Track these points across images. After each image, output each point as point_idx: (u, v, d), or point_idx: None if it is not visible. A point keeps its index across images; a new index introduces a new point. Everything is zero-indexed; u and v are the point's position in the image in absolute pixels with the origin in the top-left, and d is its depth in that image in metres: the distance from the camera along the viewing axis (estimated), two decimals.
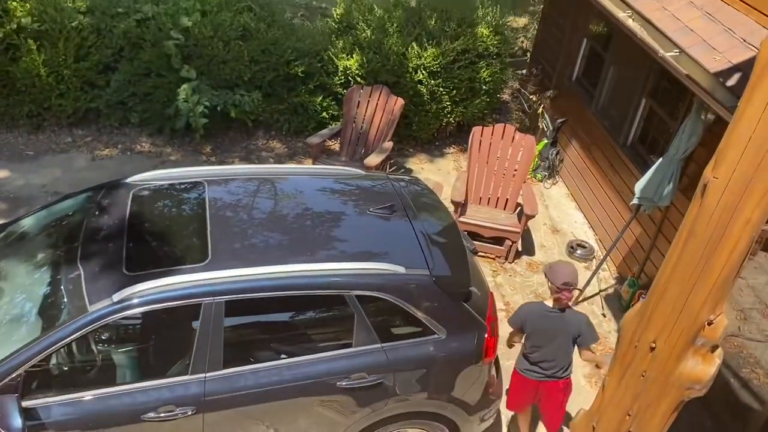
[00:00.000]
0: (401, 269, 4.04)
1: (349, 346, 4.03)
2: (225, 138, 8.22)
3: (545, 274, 4.43)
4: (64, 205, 4.57)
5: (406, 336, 4.15)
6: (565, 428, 4.83)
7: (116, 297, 3.61)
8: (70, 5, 7.43)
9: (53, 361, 3.69)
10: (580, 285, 6.51)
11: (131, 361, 3.90)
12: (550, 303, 4.41)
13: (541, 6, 9.99)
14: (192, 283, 3.73)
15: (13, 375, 3.49)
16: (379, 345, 4.05)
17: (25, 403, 3.51)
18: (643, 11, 5.90)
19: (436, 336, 4.14)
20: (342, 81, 7.94)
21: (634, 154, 6.74)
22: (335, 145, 8.05)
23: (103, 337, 3.83)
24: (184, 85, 7.31)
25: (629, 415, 3.05)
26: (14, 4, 7.19)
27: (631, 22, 6.06)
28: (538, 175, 8.31)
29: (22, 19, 7.13)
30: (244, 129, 8.26)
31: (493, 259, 6.90)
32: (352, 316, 3.99)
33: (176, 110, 7.38)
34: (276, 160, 8.02)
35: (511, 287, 6.60)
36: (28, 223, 4.56)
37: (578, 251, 7.11)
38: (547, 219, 7.71)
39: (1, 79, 7.37)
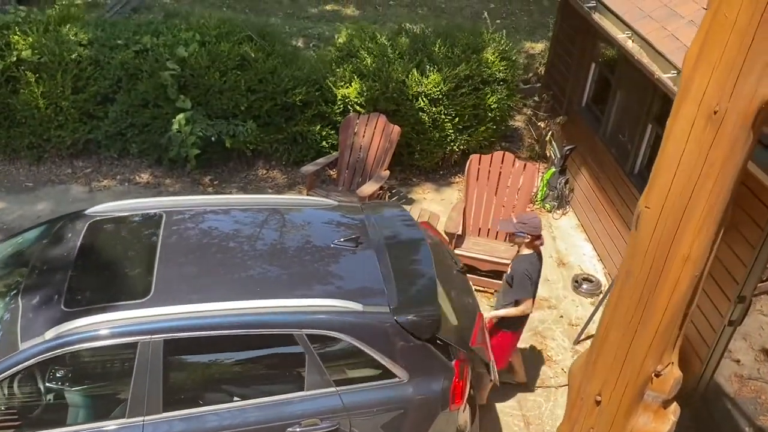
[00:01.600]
0: (358, 306, 3.77)
1: (300, 389, 3.76)
2: (225, 168, 8.12)
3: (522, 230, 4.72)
4: (21, 238, 4.46)
5: (363, 379, 3.87)
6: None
7: (49, 334, 3.44)
8: (73, 38, 7.47)
9: None
10: (582, 323, 6.12)
11: (67, 403, 3.70)
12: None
13: None
14: (129, 321, 3.54)
15: None
16: (333, 389, 3.77)
17: None
18: (642, 32, 5.58)
19: (396, 379, 3.84)
20: (341, 109, 7.77)
21: (641, 182, 6.33)
22: (335, 174, 7.85)
23: (38, 377, 3.64)
24: (179, 116, 7.25)
25: None
26: (16, 37, 7.27)
27: (630, 44, 5.74)
28: (547, 205, 7.94)
29: (23, 52, 7.19)
30: (244, 159, 8.15)
31: (492, 293, 6.54)
32: (303, 357, 3.72)
33: (169, 140, 7.31)
34: (275, 190, 7.87)
35: None
36: None
37: (584, 286, 6.69)
38: (554, 251, 7.31)
39: (1, 111, 7.44)
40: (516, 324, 4.93)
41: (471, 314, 4.36)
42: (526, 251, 4.84)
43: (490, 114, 8.12)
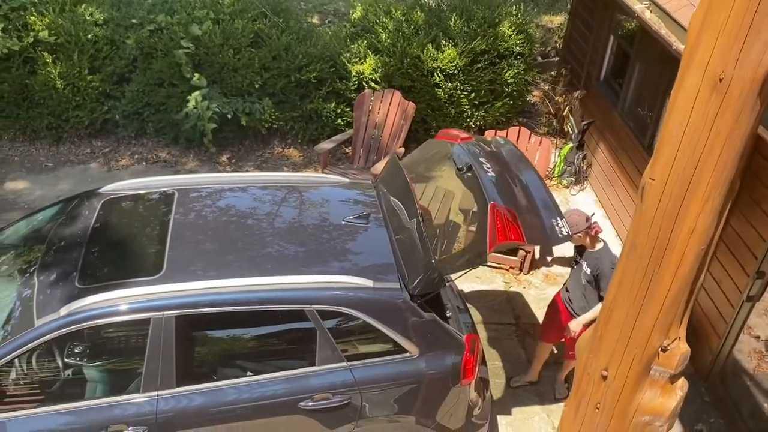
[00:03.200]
0: (369, 282, 3.77)
1: (312, 364, 3.79)
2: (240, 147, 8.14)
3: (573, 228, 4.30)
4: (38, 217, 4.52)
5: (374, 354, 3.88)
6: (566, 363, 5.01)
7: (63, 311, 3.49)
8: (88, 17, 7.50)
9: (4, 376, 3.60)
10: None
11: (82, 378, 3.77)
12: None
13: None
14: (141, 297, 3.57)
15: None
16: (345, 363, 3.79)
17: None
18: (660, 1, 5.44)
19: (407, 354, 3.85)
20: (355, 86, 7.73)
21: None
22: (351, 152, 7.83)
23: (55, 352, 3.71)
24: (195, 93, 7.26)
25: None
26: (33, 18, 7.31)
27: (648, 14, 5.61)
28: (564, 181, 7.85)
29: (40, 33, 7.24)
30: (260, 137, 8.16)
31: (507, 270, 6.52)
32: (314, 333, 3.74)
33: (185, 116, 7.33)
34: (291, 168, 7.89)
35: (524, 300, 6.20)
36: (6, 234, 4.53)
37: None
38: None
39: (20, 92, 7.51)
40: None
41: (480, 214, 3.87)
42: (598, 245, 4.53)
43: (506, 89, 8.03)
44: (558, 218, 3.97)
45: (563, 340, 4.89)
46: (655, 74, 6.33)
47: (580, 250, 4.64)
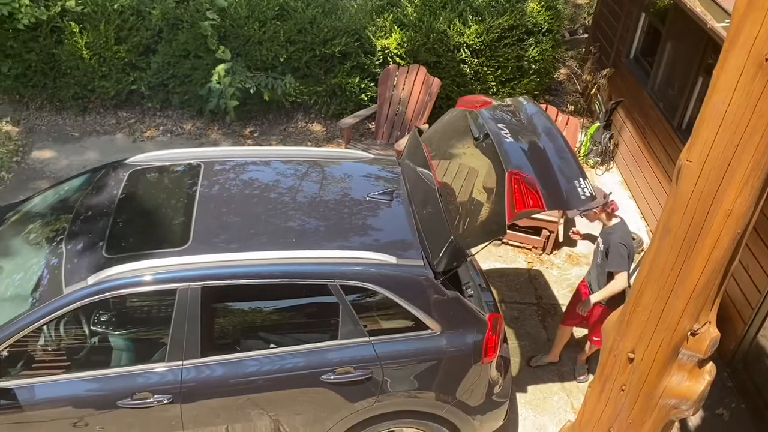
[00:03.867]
0: (392, 259, 3.77)
1: (334, 338, 3.82)
2: (264, 121, 8.14)
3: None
4: (66, 186, 4.57)
5: (396, 330, 3.90)
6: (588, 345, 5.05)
7: (91, 280, 3.54)
8: None
9: (33, 341, 3.67)
10: None
11: (109, 346, 3.83)
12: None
13: None
14: (167, 268, 3.61)
15: None
16: (366, 339, 3.81)
17: (2, 384, 3.51)
18: None
19: (429, 331, 3.85)
20: (380, 61, 7.66)
21: (688, 138, 6.11)
22: (374, 127, 7.79)
23: (82, 320, 3.77)
24: (219, 66, 7.25)
25: None
26: None
27: None
28: (590, 161, 7.76)
29: (67, 2, 7.25)
30: (284, 111, 8.15)
31: (530, 249, 6.48)
32: (337, 307, 3.76)
33: (208, 91, 7.33)
34: (314, 143, 7.87)
35: (546, 280, 6.17)
36: (34, 203, 4.59)
37: None
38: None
39: (48, 62, 7.55)
40: (617, 300, 4.45)
41: (499, 183, 3.73)
42: (613, 221, 4.52)
43: (533, 66, 7.91)
44: (581, 179, 3.78)
45: (585, 324, 4.89)
46: (688, 53, 6.19)
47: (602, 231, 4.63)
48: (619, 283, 4.48)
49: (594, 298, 4.61)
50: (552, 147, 4.00)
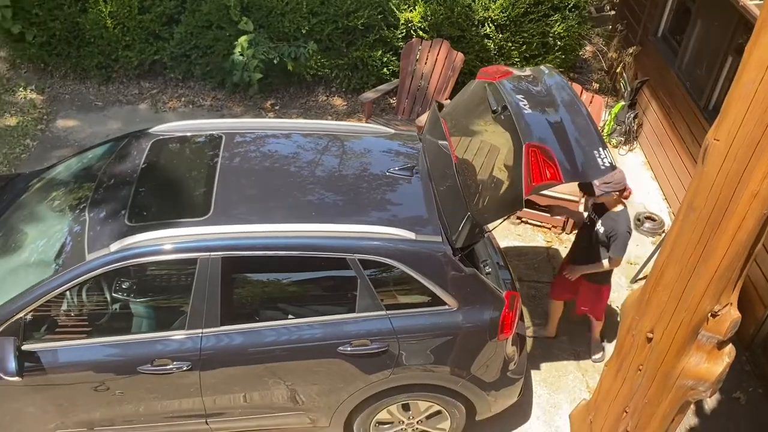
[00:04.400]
0: (411, 235, 3.77)
1: (352, 311, 3.84)
2: (285, 94, 8.13)
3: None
4: (89, 154, 4.61)
5: (413, 305, 3.91)
6: (595, 322, 5.08)
7: (114, 247, 3.59)
8: None
9: (56, 306, 3.74)
10: (642, 262, 5.99)
11: (130, 313, 3.89)
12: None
13: None
14: (189, 237, 3.65)
15: (13, 319, 3.56)
16: (383, 312, 3.83)
17: (26, 347, 3.59)
18: None
19: (446, 307, 3.86)
20: (403, 34, 7.59)
21: (714, 119, 6.00)
22: (395, 102, 7.75)
23: (104, 287, 3.83)
24: (242, 38, 7.24)
25: (626, 411, 2.68)
26: None
27: None
28: (614, 140, 7.66)
29: None
30: (304, 85, 8.13)
31: (549, 229, 6.45)
32: (355, 281, 3.78)
33: (232, 64, 7.33)
34: (335, 117, 7.85)
35: None
36: (58, 170, 4.64)
37: (646, 224, 6.51)
38: None
39: (72, 31, 7.58)
40: (609, 276, 4.82)
41: (516, 156, 3.66)
42: (619, 207, 4.51)
43: (559, 42, 7.80)
44: (600, 149, 3.68)
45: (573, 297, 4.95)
46: (717, 32, 6.06)
47: (596, 208, 4.60)
48: (613, 265, 4.56)
49: (583, 269, 4.65)
50: (572, 117, 3.92)
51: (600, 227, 4.52)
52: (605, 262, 4.55)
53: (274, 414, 4.06)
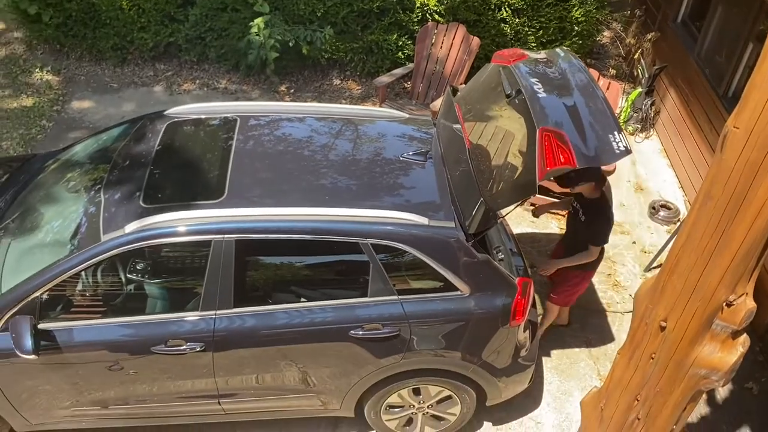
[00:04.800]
0: (424, 220, 3.77)
1: (364, 295, 3.85)
2: (299, 77, 8.11)
3: None
4: (104, 136, 4.64)
5: (425, 290, 3.92)
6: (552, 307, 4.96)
7: (128, 228, 3.61)
8: None
9: (72, 286, 3.78)
10: (656, 250, 5.95)
11: (144, 294, 3.93)
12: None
13: None
14: (203, 219, 3.66)
15: (29, 298, 3.60)
16: (395, 297, 3.84)
17: (42, 326, 3.64)
18: None
19: (458, 293, 3.87)
20: (418, 18, 7.53)
21: (735, 106, 5.92)
22: (410, 86, 7.71)
23: (119, 268, 3.86)
24: (258, 19, 7.20)
25: (637, 399, 2.68)
26: None
27: None
28: (630, 128, 7.59)
29: None
30: (319, 68, 8.10)
31: (563, 216, 6.41)
32: (367, 265, 3.79)
33: (248, 44, 7.30)
34: (349, 101, 7.83)
35: None
36: (73, 151, 4.67)
37: (661, 213, 6.47)
38: (633, 176, 7.05)
39: (87, 12, 7.59)
40: (594, 265, 4.67)
41: (530, 140, 3.61)
42: (596, 195, 4.38)
43: (576, 28, 7.70)
44: (615, 132, 3.63)
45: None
46: (738, 18, 5.96)
47: (578, 197, 4.52)
48: (592, 255, 4.46)
49: (560, 263, 4.60)
50: (587, 100, 3.86)
51: (582, 216, 4.48)
52: (585, 253, 4.47)
53: (286, 396, 4.10)
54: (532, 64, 4.18)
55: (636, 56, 7.81)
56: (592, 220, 4.42)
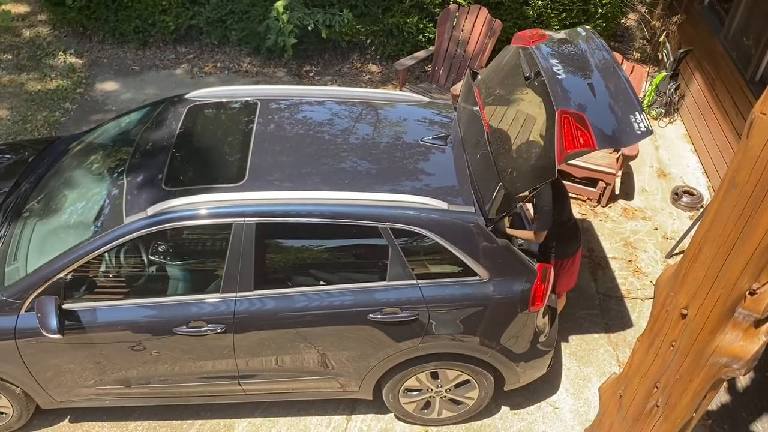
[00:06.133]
0: (443, 205, 3.76)
1: (383, 279, 3.87)
2: (320, 60, 8.09)
3: None
4: (127, 119, 4.67)
5: (444, 275, 3.92)
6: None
7: (150, 211, 3.65)
8: None
9: (95, 268, 3.84)
10: (678, 236, 5.89)
11: (166, 275, 3.98)
12: None
13: None
14: (224, 203, 3.70)
15: (54, 279, 3.67)
16: (414, 281, 3.85)
17: (67, 306, 3.71)
18: None
19: (477, 278, 3.86)
20: (440, 0, 7.47)
21: (762, 91, 5.81)
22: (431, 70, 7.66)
23: (141, 250, 3.91)
24: (278, 3, 7.19)
25: (657, 387, 2.66)
26: None
27: None
28: (653, 112, 7.49)
29: None
30: (339, 51, 8.08)
31: (585, 201, 6.37)
32: (386, 250, 3.80)
33: (267, 28, 7.30)
34: (369, 84, 7.81)
35: (598, 233, 6.07)
36: (96, 134, 4.72)
37: (684, 199, 6.39)
38: (656, 161, 6.97)
39: None
40: (577, 244, 4.60)
41: (549, 123, 3.55)
42: None
43: (600, 10, 7.59)
44: (637, 113, 3.56)
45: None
46: (767, 1, 5.82)
47: None
48: (538, 240, 4.28)
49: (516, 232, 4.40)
50: (608, 80, 3.79)
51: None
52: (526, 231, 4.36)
53: (305, 378, 4.14)
54: (552, 45, 4.12)
55: (661, 39, 7.68)
56: (541, 209, 4.24)
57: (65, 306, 3.70)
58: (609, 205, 6.36)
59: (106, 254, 3.76)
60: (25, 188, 4.42)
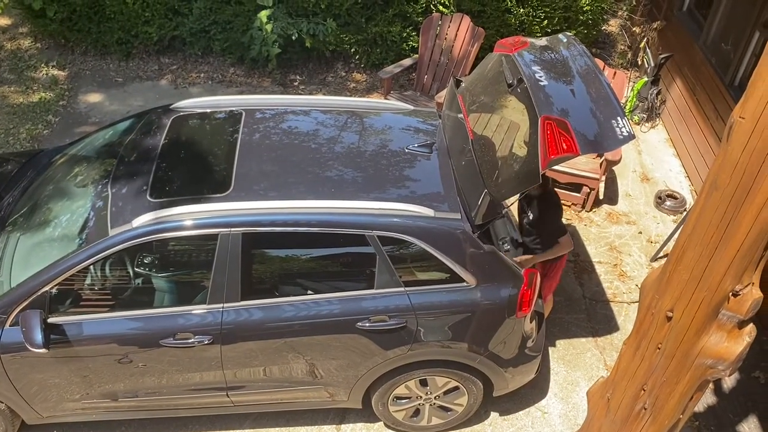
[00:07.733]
0: (430, 212, 3.78)
1: (371, 287, 3.87)
2: (304, 69, 8.11)
3: None
4: (111, 131, 4.65)
5: (431, 282, 3.93)
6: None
7: (136, 223, 3.63)
8: None
9: (80, 281, 3.81)
10: (662, 240, 5.95)
11: (152, 287, 3.95)
12: None
13: None
14: (210, 213, 3.69)
15: (39, 292, 3.63)
16: (402, 289, 3.86)
17: (52, 320, 3.67)
18: None
19: (464, 284, 3.88)
20: (423, 9, 7.52)
21: (741, 95, 5.88)
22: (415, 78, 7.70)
23: (127, 262, 3.89)
24: (261, 12, 7.20)
25: (644, 389, 2.69)
26: None
27: None
28: (635, 117, 7.57)
29: None
30: (323, 61, 8.10)
31: (569, 206, 6.41)
32: (374, 257, 3.81)
33: (250, 38, 7.31)
34: (354, 93, 7.83)
35: (584, 238, 6.12)
36: (80, 146, 4.69)
37: (667, 203, 6.45)
38: (639, 165, 7.04)
39: (92, 6, 7.59)
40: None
41: (533, 129, 3.60)
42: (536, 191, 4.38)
43: (581, 17, 7.68)
44: (618, 118, 3.60)
45: None
46: (744, 7, 5.92)
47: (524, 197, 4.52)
48: (567, 245, 4.43)
49: (538, 258, 4.49)
50: (589, 86, 3.84)
51: (529, 212, 4.49)
52: (558, 246, 4.40)
53: (294, 387, 4.13)
54: (534, 52, 4.16)
55: (642, 45, 7.77)
56: (542, 215, 4.40)
57: (50, 320, 3.67)
58: (593, 210, 6.41)
59: (92, 267, 3.74)
60: (9, 201, 4.38)
